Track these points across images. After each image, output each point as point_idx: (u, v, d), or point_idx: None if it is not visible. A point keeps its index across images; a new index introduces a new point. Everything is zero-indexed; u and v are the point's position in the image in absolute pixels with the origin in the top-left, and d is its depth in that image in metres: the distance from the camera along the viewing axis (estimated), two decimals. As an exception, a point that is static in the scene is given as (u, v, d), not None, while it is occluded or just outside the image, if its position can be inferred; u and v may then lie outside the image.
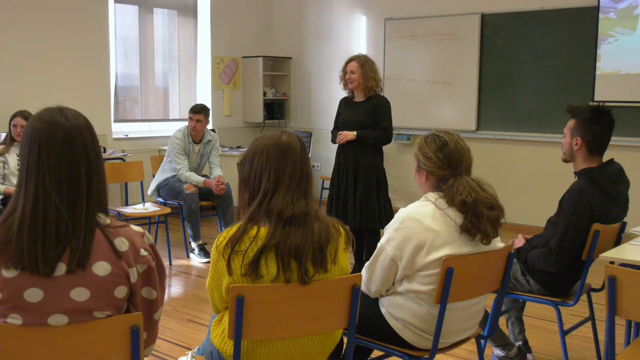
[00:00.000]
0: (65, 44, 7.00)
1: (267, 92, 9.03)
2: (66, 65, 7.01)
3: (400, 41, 7.93)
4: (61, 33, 6.96)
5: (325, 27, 8.74)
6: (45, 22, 6.83)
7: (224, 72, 8.78)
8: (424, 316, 2.57)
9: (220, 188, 5.93)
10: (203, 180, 5.96)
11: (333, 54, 8.59)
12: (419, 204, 2.61)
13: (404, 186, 7.47)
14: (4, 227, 1.74)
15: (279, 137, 2.25)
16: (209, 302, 2.37)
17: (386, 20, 8.00)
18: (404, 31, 7.88)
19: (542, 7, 6.87)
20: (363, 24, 8.41)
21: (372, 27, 8.28)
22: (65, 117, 1.80)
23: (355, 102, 5.16)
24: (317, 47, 8.87)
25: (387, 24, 7.99)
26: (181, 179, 5.98)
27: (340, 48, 8.49)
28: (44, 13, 6.81)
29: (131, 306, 1.88)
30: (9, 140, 5.37)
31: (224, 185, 5.97)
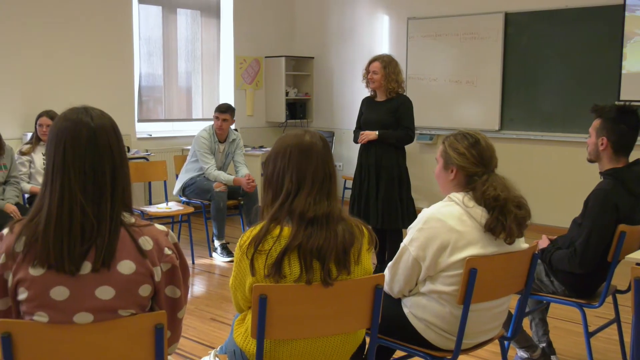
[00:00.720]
0: (90, 45, 7.07)
1: (289, 92, 9.04)
2: (91, 65, 7.08)
3: (422, 40, 7.89)
4: (86, 34, 7.03)
5: (348, 26, 8.73)
6: (71, 24, 6.90)
7: (246, 72, 8.81)
8: (447, 317, 2.56)
9: (251, 186, 5.96)
10: (233, 178, 5.98)
11: (355, 54, 8.58)
12: (442, 204, 2.60)
13: (426, 186, 7.44)
14: (31, 226, 1.76)
15: (302, 137, 2.25)
16: (232, 301, 2.38)
17: (409, 20, 7.97)
18: (426, 30, 7.84)
19: (566, 6, 6.80)
20: (385, 23, 8.39)
21: (394, 26, 8.26)
22: (91, 116, 1.82)
23: (377, 101, 5.15)
24: (339, 47, 8.87)
25: (410, 23, 7.96)
26: (210, 177, 6.00)
27: (362, 47, 8.47)
28: (70, 14, 6.88)
29: (155, 305, 1.89)
30: (35, 139, 5.44)
31: (254, 183, 5.99)
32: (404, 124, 5.05)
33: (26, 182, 5.31)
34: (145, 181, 6.48)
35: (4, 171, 5.04)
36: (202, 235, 6.52)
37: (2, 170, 5.03)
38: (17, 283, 1.76)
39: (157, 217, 5.67)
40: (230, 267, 5.63)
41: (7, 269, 1.77)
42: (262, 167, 7.71)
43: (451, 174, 2.65)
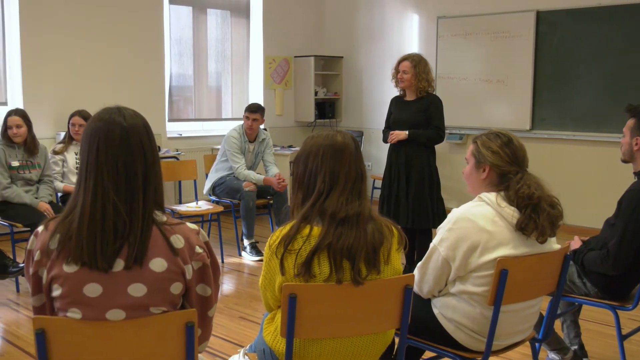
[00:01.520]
0: (122, 46, 7.16)
1: (318, 91, 9.05)
2: (123, 65, 7.17)
3: (452, 39, 7.84)
4: (118, 35, 7.12)
5: (377, 25, 8.71)
6: (103, 25, 6.99)
7: (275, 71, 8.84)
8: (477, 318, 2.54)
9: (282, 185, 5.97)
10: (263, 178, 6.01)
11: (385, 53, 8.55)
12: (472, 204, 2.58)
13: (456, 186, 7.39)
14: (65, 223, 1.79)
15: (334, 137, 2.25)
16: (262, 300, 2.39)
17: (439, 19, 7.92)
18: (456, 29, 7.79)
19: (599, 4, 6.70)
20: (415, 22, 8.35)
21: (424, 25, 8.22)
22: (123, 116, 1.84)
23: (406, 101, 5.13)
24: (369, 46, 8.85)
25: (440, 22, 7.92)
26: (240, 177, 6.03)
27: (392, 47, 8.45)
28: (102, 16, 6.97)
29: (186, 303, 1.91)
30: (68, 139, 5.51)
31: (285, 183, 6.00)
32: (434, 123, 5.02)
33: (59, 181, 5.38)
34: (175, 180, 6.53)
35: (38, 170, 5.12)
36: (231, 234, 6.56)
37: (36, 169, 5.11)
38: (51, 280, 1.79)
39: (187, 216, 5.71)
40: (259, 266, 5.68)
41: (42, 265, 1.80)
42: (290, 166, 7.72)
43: (483, 173, 2.62)
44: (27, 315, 4.40)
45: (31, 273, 1.83)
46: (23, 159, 5.03)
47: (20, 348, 3.86)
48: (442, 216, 4.94)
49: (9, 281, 4.99)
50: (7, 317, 4.39)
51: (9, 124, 4.95)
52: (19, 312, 4.49)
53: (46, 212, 4.86)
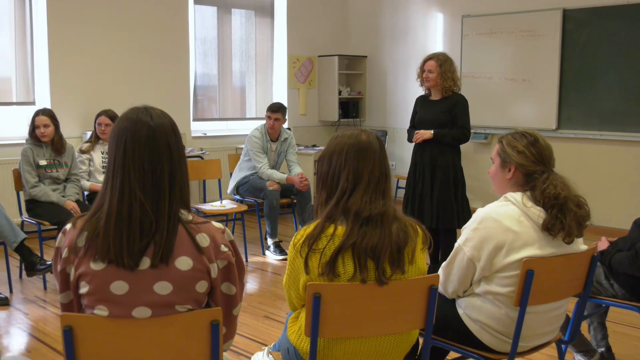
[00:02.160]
0: (148, 46, 7.22)
1: (342, 90, 9.04)
2: (148, 65, 7.23)
3: (477, 38, 7.79)
4: (144, 35, 7.18)
5: (402, 25, 8.68)
6: (129, 25, 7.05)
7: (299, 71, 8.85)
8: (503, 318, 2.52)
9: (304, 184, 5.99)
10: (286, 177, 6.02)
11: (409, 52, 8.52)
12: (498, 204, 2.56)
13: (481, 186, 7.34)
14: (93, 221, 1.81)
15: (359, 136, 2.25)
16: (286, 299, 2.39)
17: (463, 18, 7.87)
18: (481, 28, 7.74)
19: (627, 1, 6.61)
20: (439, 21, 8.31)
21: (448, 24, 8.17)
22: (150, 116, 1.85)
23: (432, 100, 5.10)
24: (393, 45, 8.82)
25: (464, 21, 7.87)
26: (263, 176, 6.05)
27: (416, 46, 8.42)
28: (128, 16, 7.04)
29: (211, 301, 1.92)
30: (94, 138, 5.56)
31: (307, 182, 6.01)
32: (460, 123, 4.99)
33: (86, 180, 5.44)
34: (199, 179, 6.57)
35: (65, 169, 5.18)
36: (255, 233, 6.58)
37: (64, 168, 5.17)
38: (78, 277, 1.81)
39: (211, 215, 5.74)
40: (283, 265, 5.69)
41: (70, 263, 1.82)
42: (314, 166, 7.73)
43: (509, 173, 2.61)
44: (54, 312, 4.46)
45: (59, 270, 1.86)
46: (50, 158, 5.09)
47: (48, 344, 3.90)
48: (467, 216, 4.90)
49: (36, 278, 5.05)
50: (35, 314, 4.45)
51: (36, 123, 5.01)
52: (46, 309, 4.55)
53: (73, 211, 4.91)
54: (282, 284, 4.94)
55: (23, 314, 4.45)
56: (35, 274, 4.72)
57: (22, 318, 4.38)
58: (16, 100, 6.59)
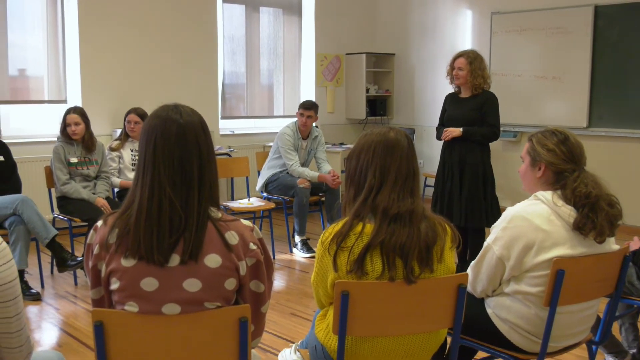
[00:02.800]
0: (177, 44, 7.27)
1: (370, 88, 9.02)
2: (177, 64, 7.28)
3: (507, 36, 7.72)
4: (173, 34, 7.23)
5: (430, 22, 8.64)
6: (158, 23, 7.11)
7: (327, 69, 8.85)
8: (532, 318, 2.50)
9: (336, 182, 5.99)
10: (317, 175, 6.03)
11: (437, 50, 8.47)
12: (528, 202, 2.54)
13: (509, 184, 7.27)
14: (123, 218, 1.83)
15: (386, 133, 2.24)
16: (314, 297, 2.40)
17: (492, 15, 7.80)
18: (511, 25, 7.66)
19: (661, -3, 6.51)
20: (468, 18, 8.24)
21: (477, 21, 8.11)
22: (180, 113, 1.87)
23: (461, 98, 5.07)
24: (421, 43, 8.78)
25: (494, 18, 7.80)
26: (294, 174, 6.06)
27: (445, 43, 8.36)
28: (157, 15, 7.10)
29: (240, 298, 1.92)
30: (124, 136, 5.62)
31: (339, 180, 6.01)
32: (490, 120, 4.95)
33: (116, 177, 5.50)
34: (227, 177, 6.60)
35: (96, 166, 5.24)
36: (282, 231, 6.60)
37: (94, 165, 5.23)
38: (109, 273, 1.83)
39: (239, 213, 5.77)
40: (311, 263, 5.70)
41: (101, 259, 1.84)
42: (342, 164, 7.73)
43: (539, 172, 2.58)
44: (85, 308, 4.51)
45: (90, 266, 1.88)
46: (81, 155, 5.15)
47: (78, 339, 3.96)
48: (496, 215, 4.86)
49: (67, 274, 5.12)
50: (66, 309, 4.51)
51: (68, 121, 5.08)
52: (76, 305, 4.61)
53: (103, 208, 4.97)
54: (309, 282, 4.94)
55: (54, 309, 4.51)
56: (66, 270, 4.79)
57: (54, 313, 4.45)
58: (48, 98, 6.69)
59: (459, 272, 2.23)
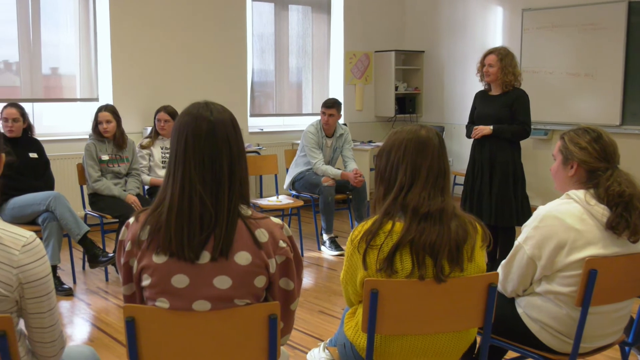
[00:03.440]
0: (207, 43, 7.32)
1: (398, 86, 8.99)
2: (207, 62, 7.33)
3: (538, 32, 7.62)
4: (203, 32, 7.28)
5: (460, 19, 8.57)
6: (188, 22, 7.17)
7: (356, 66, 8.84)
8: (564, 319, 2.47)
9: (358, 180, 5.98)
10: (340, 173, 6.03)
11: (467, 47, 8.41)
12: (560, 201, 2.51)
13: (540, 183, 7.20)
14: (155, 215, 1.85)
15: (417, 131, 2.23)
16: (343, 295, 2.40)
17: (524, 11, 7.72)
18: (542, 22, 7.57)
19: (698, -7, 6.38)
20: (499, 15, 8.17)
21: (508, 18, 8.02)
22: (210, 111, 1.88)
23: (491, 95, 5.02)
24: (451, 40, 8.72)
25: (525, 14, 7.71)
26: (318, 172, 6.07)
27: (475, 41, 8.30)
28: (187, 13, 7.15)
29: (269, 296, 1.93)
30: (154, 133, 5.67)
31: (362, 178, 6.01)
32: (520, 118, 4.89)
33: (146, 174, 5.55)
34: (256, 175, 6.64)
35: (126, 164, 5.30)
36: (311, 229, 6.61)
37: (125, 162, 5.29)
38: (141, 270, 1.85)
39: (267, 210, 5.79)
40: (339, 261, 5.70)
41: (133, 256, 1.86)
42: (370, 162, 7.72)
43: (571, 170, 2.55)
44: (115, 303, 4.57)
45: (122, 263, 1.90)
46: (112, 153, 5.21)
47: (109, 334, 4.01)
48: (527, 214, 4.81)
49: (98, 270, 5.19)
50: (97, 305, 4.57)
51: (99, 119, 5.14)
52: (107, 300, 4.67)
53: (134, 204, 5.03)
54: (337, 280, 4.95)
55: (86, 305, 4.58)
56: (98, 266, 4.85)
57: (85, 308, 4.51)
58: (80, 96, 6.78)
59: (489, 271, 2.21)
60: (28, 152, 4.90)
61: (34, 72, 6.44)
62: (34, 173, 4.90)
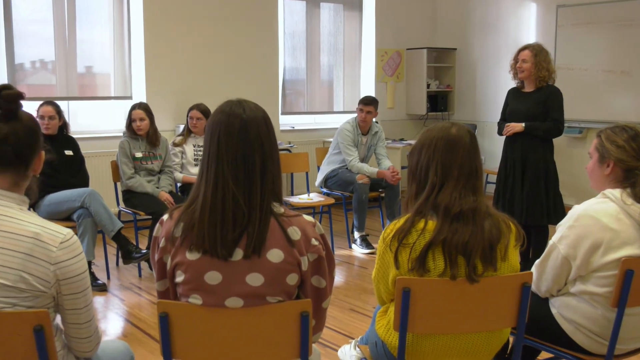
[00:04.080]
0: (238, 41, 7.36)
1: (430, 83, 8.94)
2: (239, 60, 7.37)
3: (573, 29, 7.52)
4: (234, 30, 7.32)
5: (493, 16, 8.49)
6: (220, 21, 7.21)
7: (387, 64, 8.81)
8: (599, 319, 2.43)
9: (395, 178, 5.96)
10: (377, 170, 6.01)
11: (500, 44, 8.32)
12: (596, 200, 2.47)
13: (574, 181, 7.10)
14: (188, 212, 1.86)
15: (448, 129, 2.21)
16: (374, 293, 2.39)
17: (558, 8, 7.61)
18: (577, 18, 7.46)
19: None
20: (533, 11, 8.07)
21: (542, 15, 7.92)
22: (243, 109, 1.89)
23: (524, 92, 4.96)
24: (483, 37, 8.64)
25: (559, 11, 7.60)
26: (353, 170, 6.07)
27: (508, 38, 8.21)
28: (219, 12, 7.19)
29: (301, 293, 1.94)
30: (187, 131, 5.72)
31: (399, 176, 5.98)
32: (553, 115, 4.83)
33: (179, 172, 5.60)
34: (287, 172, 6.65)
35: (159, 161, 5.35)
36: (342, 227, 6.60)
37: (158, 160, 5.34)
38: (175, 266, 1.87)
39: (298, 208, 5.80)
40: (369, 259, 5.69)
41: (167, 252, 1.88)
42: (402, 160, 7.69)
43: (607, 169, 2.51)
44: (148, 299, 4.62)
45: (156, 259, 1.92)
46: (146, 150, 5.27)
47: (142, 330, 4.05)
48: (559, 212, 4.75)
49: (132, 266, 5.25)
50: (131, 301, 4.63)
51: (133, 117, 5.20)
52: (141, 296, 4.73)
53: (166, 202, 5.08)
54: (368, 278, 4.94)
55: (119, 300, 4.63)
56: (131, 262, 4.90)
57: (119, 304, 4.57)
58: (114, 94, 6.86)
59: (522, 271, 2.19)
60: (63, 149, 4.98)
61: (70, 71, 6.54)
62: (69, 170, 4.97)
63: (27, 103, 1.92)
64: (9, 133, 1.79)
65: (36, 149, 1.87)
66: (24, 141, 1.82)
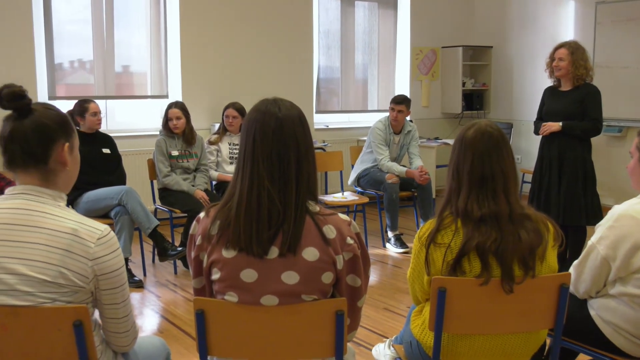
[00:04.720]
0: (273, 40, 7.38)
1: (466, 82, 8.86)
2: (274, 59, 7.40)
3: (612, 26, 7.38)
4: (269, 29, 7.35)
5: (530, 13, 8.38)
6: (255, 20, 7.24)
7: (422, 62, 8.76)
8: (639, 322, 2.38)
9: (424, 178, 5.93)
10: (405, 170, 5.99)
11: (537, 42, 8.21)
12: (636, 200, 2.42)
13: (613, 182, 6.97)
14: (224, 210, 1.87)
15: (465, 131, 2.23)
16: (409, 293, 2.38)
17: (597, 4, 7.48)
18: (617, 15, 7.32)
19: None
20: (571, 8, 7.94)
21: (581, 11, 7.79)
22: (279, 107, 1.89)
23: (561, 91, 4.89)
24: (520, 35, 8.54)
25: (599, 8, 7.47)
26: (383, 169, 6.05)
27: (545, 35, 8.09)
28: (254, 11, 7.23)
29: (336, 292, 1.93)
30: (222, 130, 5.76)
31: (427, 176, 5.95)
32: (591, 114, 4.75)
33: (214, 170, 5.64)
34: (322, 171, 6.66)
35: (195, 159, 5.40)
36: (376, 226, 6.59)
37: (194, 158, 5.39)
38: (211, 264, 1.88)
39: (332, 207, 5.80)
40: (404, 258, 5.67)
41: (203, 250, 1.90)
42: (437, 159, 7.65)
43: (648, 168, 2.46)
44: (184, 296, 4.67)
45: (193, 257, 1.94)
46: (182, 148, 5.32)
47: (178, 326, 4.10)
48: (597, 213, 4.68)
49: (167, 263, 5.31)
50: (166, 297, 4.68)
51: (169, 116, 5.25)
52: (176, 293, 4.77)
53: (202, 200, 5.12)
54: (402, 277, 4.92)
55: (155, 297, 4.69)
56: (167, 259, 4.96)
57: (155, 300, 4.62)
58: (151, 93, 6.94)
59: (560, 272, 2.16)
60: (101, 147, 5.05)
61: (107, 70, 6.63)
62: (107, 168, 5.04)
63: (65, 102, 1.94)
64: (14, 132, 1.79)
65: (51, 143, 1.82)
66: (32, 137, 1.79)
